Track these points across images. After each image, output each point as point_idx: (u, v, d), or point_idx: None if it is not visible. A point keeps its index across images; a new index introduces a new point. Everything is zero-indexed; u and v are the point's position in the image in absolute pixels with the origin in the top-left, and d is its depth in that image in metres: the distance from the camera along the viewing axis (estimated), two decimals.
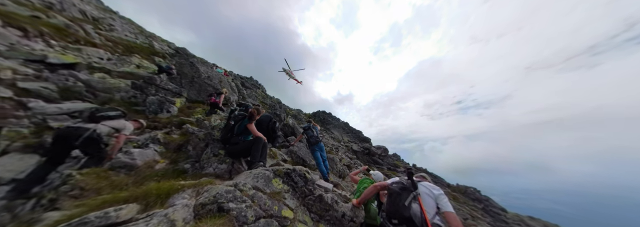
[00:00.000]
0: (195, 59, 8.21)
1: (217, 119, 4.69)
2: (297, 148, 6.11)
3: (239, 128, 3.63)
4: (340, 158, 11.90)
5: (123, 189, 1.87)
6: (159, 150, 2.79)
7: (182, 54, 8.04)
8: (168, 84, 4.76)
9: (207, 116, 4.84)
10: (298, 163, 6.00)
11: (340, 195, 4.31)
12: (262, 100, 18.09)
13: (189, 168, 2.94)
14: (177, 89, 4.96)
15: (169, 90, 4.61)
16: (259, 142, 3.43)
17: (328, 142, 17.40)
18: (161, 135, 3.09)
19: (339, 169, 8.07)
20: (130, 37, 5.56)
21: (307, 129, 5.65)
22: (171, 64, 6.23)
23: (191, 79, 6.22)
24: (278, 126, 5.12)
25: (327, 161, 5.65)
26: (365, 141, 28.89)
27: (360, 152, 19.33)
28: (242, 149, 3.55)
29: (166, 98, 4.19)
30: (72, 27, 3.83)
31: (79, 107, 3.15)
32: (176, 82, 5.47)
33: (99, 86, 3.23)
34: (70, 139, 2.28)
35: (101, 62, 3.75)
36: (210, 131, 3.85)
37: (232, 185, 2.09)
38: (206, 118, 4.58)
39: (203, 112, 5.18)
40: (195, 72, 6.85)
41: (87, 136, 2.41)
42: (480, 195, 26.72)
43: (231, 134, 3.71)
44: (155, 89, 4.18)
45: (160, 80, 4.61)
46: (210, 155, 3.32)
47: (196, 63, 7.69)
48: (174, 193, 1.83)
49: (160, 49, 6.58)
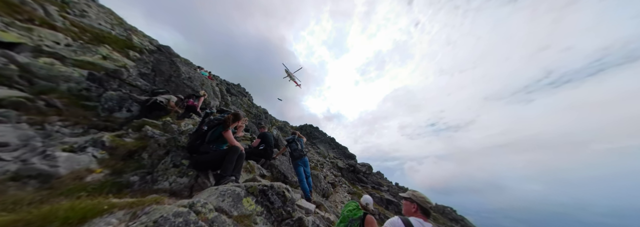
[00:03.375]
0: (179, 59, 7.75)
1: (190, 124, 4.16)
2: (278, 162, 5.57)
3: (212, 135, 3.18)
4: (324, 175, 11.26)
5: (14, 209, 1.31)
6: (99, 156, 2.23)
7: (164, 52, 7.57)
8: (137, 80, 4.22)
9: (178, 119, 4.28)
10: (278, 179, 5.41)
11: (323, 218, 3.80)
12: (247, 108, 17.41)
13: (136, 181, 2.36)
14: (147, 86, 4.42)
15: (137, 87, 4.07)
16: (235, 152, 3.00)
17: (313, 158, 16.71)
18: (109, 137, 2.53)
19: (323, 187, 7.49)
20: (105, 27, 5.09)
21: (291, 141, 5.26)
22: (149, 59, 5.72)
23: (168, 77, 5.69)
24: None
25: (310, 178, 5.17)
26: (350, 158, 28.39)
27: (345, 169, 18.72)
28: (212, 160, 3.06)
29: (130, 95, 3.65)
30: (29, 4, 3.34)
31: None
32: (149, 79, 4.93)
33: (41, 72, 2.65)
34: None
35: (56, 47, 3.21)
36: (176, 137, 3.33)
37: (186, 205, 1.62)
38: (176, 121, 4.03)
39: (174, 114, 4.61)
40: (174, 71, 6.35)
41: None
42: (456, 215, 26.77)
43: (201, 141, 3.23)
44: (118, 83, 3.64)
45: (128, 75, 4.07)
46: (169, 165, 2.77)
47: (178, 62, 7.22)
48: (94, 217, 1.32)
49: (139, 44, 6.11)
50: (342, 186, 11.53)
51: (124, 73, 4.00)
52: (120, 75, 3.83)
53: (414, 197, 1.66)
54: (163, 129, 3.43)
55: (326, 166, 15.42)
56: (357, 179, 18.24)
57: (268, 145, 4.90)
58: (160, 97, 4.34)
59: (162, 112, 4.01)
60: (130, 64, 4.66)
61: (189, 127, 4.03)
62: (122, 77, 3.83)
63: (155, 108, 4.00)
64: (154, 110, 3.94)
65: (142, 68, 5.07)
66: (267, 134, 5.11)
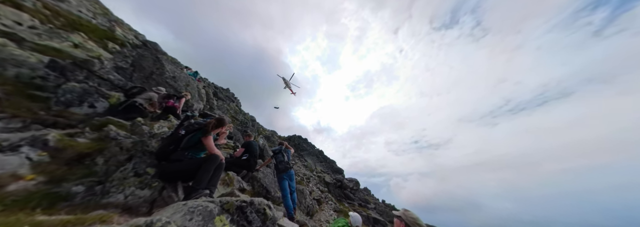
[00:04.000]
0: (165, 57, 7.41)
1: (165, 127, 3.75)
2: (262, 174, 5.13)
3: (189, 140, 2.84)
4: (310, 190, 10.64)
5: None
6: (36, 158, 1.82)
7: (150, 48, 7.21)
8: (111, 74, 3.82)
9: (152, 121, 3.86)
10: (259, 194, 4.93)
11: None
12: (233, 114, 16.77)
13: (79, 193, 1.94)
14: (121, 82, 4.01)
15: (108, 82, 3.67)
16: (213, 161, 2.66)
17: (300, 171, 16.00)
18: (56, 136, 2.12)
19: (308, 203, 6.97)
20: (85, 15, 4.76)
21: (277, 152, 4.94)
22: (130, 54, 5.32)
23: (149, 74, 5.29)
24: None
25: (295, 193, 4.77)
26: (338, 172, 27.66)
27: (332, 185, 18.01)
28: (184, 169, 2.69)
29: (97, 89, 3.25)
30: None
31: None
32: (125, 74, 4.52)
33: None
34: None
35: (15, 28, 2.84)
36: (145, 140, 2.93)
37: (142, 225, 1.28)
38: (149, 123, 3.61)
39: (149, 115, 4.17)
40: (157, 69, 5.97)
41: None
42: None
43: (175, 146, 2.86)
44: (86, 75, 3.25)
45: (100, 67, 3.68)
46: (130, 174, 2.36)
47: (163, 60, 6.86)
48: None
49: (122, 37, 5.75)
50: (328, 203, 10.91)
51: (96, 64, 3.61)
52: (90, 66, 3.44)
53: (404, 216, 1.65)
54: (130, 131, 3.03)
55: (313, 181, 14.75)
56: (344, 195, 17.54)
57: (252, 155, 4.52)
58: (140, 99, 3.83)
59: (137, 115, 3.59)
60: (106, 55, 4.28)
61: (164, 130, 3.61)
62: (93, 68, 3.44)
63: (132, 111, 3.56)
64: (131, 113, 3.49)
65: (119, 61, 4.68)
66: (252, 143, 4.76)
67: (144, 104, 3.82)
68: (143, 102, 3.82)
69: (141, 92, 4.05)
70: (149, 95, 4.24)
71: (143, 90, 4.12)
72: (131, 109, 3.43)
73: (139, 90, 4.06)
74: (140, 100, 3.76)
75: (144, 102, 3.88)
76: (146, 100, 4.04)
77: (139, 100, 3.78)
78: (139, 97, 3.87)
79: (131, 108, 3.43)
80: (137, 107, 3.52)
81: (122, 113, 3.33)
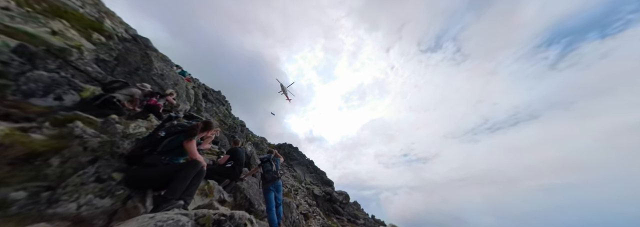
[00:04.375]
0: (156, 53, 7.17)
1: (142, 127, 3.45)
2: (246, 184, 4.77)
3: (169, 144, 2.59)
4: (298, 203, 10.09)
5: None
6: None
7: (140, 43, 6.96)
8: (89, 65, 3.54)
9: (128, 119, 3.54)
10: (241, 206, 4.54)
11: None
12: (222, 118, 16.24)
13: (19, 200, 1.63)
14: (100, 75, 3.72)
15: (85, 73, 3.38)
16: (193, 168, 2.42)
17: (287, 182, 15.36)
18: (4, 130, 1.83)
19: (294, 218, 6.52)
20: (73, 3, 4.54)
21: (265, 161, 4.66)
22: (116, 47, 5.05)
23: (134, 70, 5.00)
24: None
25: (281, 207, 4.44)
26: (327, 184, 26.85)
27: (321, 198, 17.31)
28: (158, 176, 2.42)
29: (70, 80, 2.96)
30: None
31: None
32: (106, 68, 4.23)
33: None
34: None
35: None
36: (116, 140, 2.64)
37: None
38: (125, 121, 3.31)
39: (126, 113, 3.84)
40: (144, 65, 5.69)
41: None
42: None
43: (152, 149, 2.59)
44: (59, 64, 2.97)
45: (78, 57, 3.40)
46: (89, 179, 2.06)
47: (153, 56, 6.60)
48: None
49: (110, 29, 5.52)
50: (316, 217, 10.35)
51: (73, 54, 3.33)
52: (67, 55, 3.17)
53: None
54: (100, 129, 2.73)
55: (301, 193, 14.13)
56: (333, 209, 16.84)
57: (238, 163, 4.22)
58: (120, 94, 3.55)
59: (113, 112, 3.27)
60: (88, 46, 4.02)
61: (140, 130, 3.30)
62: (69, 58, 3.17)
63: (107, 107, 3.23)
64: (105, 109, 3.17)
65: (103, 54, 4.40)
66: (239, 149, 4.47)
67: (122, 100, 3.50)
68: (122, 98, 3.50)
69: (123, 87, 3.74)
70: (131, 91, 3.91)
71: (125, 86, 3.81)
72: (106, 105, 3.12)
73: (121, 85, 3.75)
74: (119, 96, 3.44)
75: (123, 98, 3.57)
76: (126, 96, 3.72)
77: (118, 95, 3.47)
78: (119, 92, 3.55)
79: (107, 103, 3.12)
80: (113, 103, 3.21)
81: (95, 108, 3.02)
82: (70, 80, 2.90)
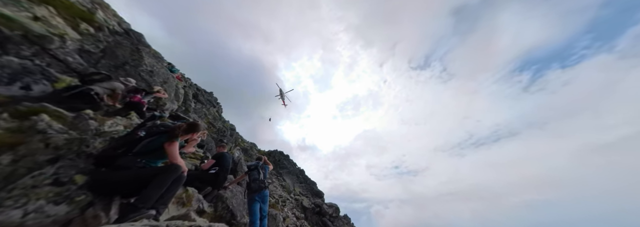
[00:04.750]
0: (148, 49, 6.98)
1: (120, 125, 3.19)
2: (230, 193, 4.46)
3: (148, 145, 2.38)
4: (285, 216, 9.57)
5: None
6: None
7: (132, 38, 6.77)
8: (70, 55, 3.32)
9: (105, 116, 3.28)
10: (222, 218, 4.19)
11: None
12: (211, 120, 15.76)
13: None
14: (80, 66, 3.49)
15: (63, 63, 3.15)
16: (172, 173, 2.20)
17: (275, 192, 14.73)
18: None
19: None
20: None
21: (253, 168, 4.43)
22: (105, 39, 4.84)
23: (121, 64, 4.78)
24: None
25: (266, 219, 4.14)
26: (318, 196, 25.99)
27: (310, 210, 16.60)
28: (130, 180, 2.19)
29: (44, 69, 2.74)
30: None
31: None
32: (89, 59, 3.99)
33: None
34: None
35: None
36: (86, 138, 2.41)
37: None
38: (101, 117, 3.06)
39: (105, 108, 3.58)
40: (133, 60, 5.48)
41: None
42: None
43: (126, 150, 2.36)
44: (35, 51, 2.76)
45: (59, 46, 3.19)
46: (45, 181, 1.81)
47: (144, 52, 6.39)
48: None
49: (102, 20, 5.34)
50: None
51: (54, 42, 3.12)
52: (46, 43, 2.96)
53: None
54: (70, 124, 2.48)
55: (289, 204, 13.51)
56: (322, 223, 16.12)
57: (223, 169, 3.95)
58: (99, 87, 3.30)
59: (88, 106, 3.01)
60: (73, 36, 3.82)
61: (117, 128, 3.05)
62: (48, 46, 2.96)
63: (82, 100, 2.96)
64: (79, 102, 2.90)
65: (88, 45, 4.19)
66: (225, 155, 4.21)
67: (101, 93, 3.24)
68: (101, 92, 3.24)
69: (104, 80, 3.48)
70: (113, 85, 3.66)
71: (107, 79, 3.57)
72: (82, 98, 2.87)
73: (103, 77, 3.50)
74: (97, 89, 3.18)
75: (102, 91, 3.31)
76: (107, 90, 3.46)
77: (97, 88, 3.20)
78: (99, 85, 3.29)
79: (82, 96, 2.87)
80: (90, 96, 2.96)
81: (68, 101, 2.77)
82: (44, 69, 2.68)
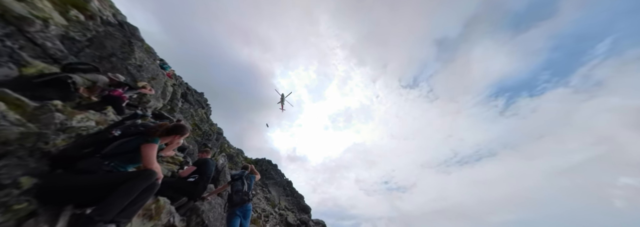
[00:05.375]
0: (141, 43, 6.79)
1: (92, 120, 2.91)
2: (208, 206, 4.06)
3: (121, 146, 2.13)
4: None
5: None
6: None
7: (126, 30, 6.60)
8: (50, 40, 3.09)
9: (76, 108, 3.00)
10: None
11: None
12: (197, 122, 15.20)
13: None
14: (60, 53, 3.25)
15: (40, 48, 2.92)
16: (143, 180, 1.93)
17: (259, 205, 13.91)
18: None
19: None
20: None
21: (237, 178, 4.12)
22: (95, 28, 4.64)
23: (107, 56, 4.55)
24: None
25: None
26: (304, 211, 24.81)
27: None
28: (91, 187, 1.81)
29: (14, 52, 2.50)
30: None
31: None
32: (71, 47, 3.75)
33: None
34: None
35: None
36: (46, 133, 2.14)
37: None
38: (69, 110, 2.78)
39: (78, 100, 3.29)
40: (122, 53, 5.25)
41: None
42: None
43: (94, 150, 2.09)
44: (10, 32, 2.53)
45: (40, 29, 2.97)
46: None
47: (136, 46, 6.20)
48: None
49: (95, 10, 5.19)
50: None
51: (35, 25, 2.91)
52: (25, 24, 2.75)
53: None
54: (30, 115, 2.21)
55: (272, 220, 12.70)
56: None
57: (204, 177, 3.63)
58: (79, 77, 3.05)
59: (59, 95, 2.74)
60: (59, 21, 3.62)
61: (88, 124, 2.76)
62: (26, 28, 2.74)
63: (55, 88, 2.68)
64: (49, 91, 2.63)
65: (74, 32, 3.97)
66: (208, 161, 3.90)
67: (79, 84, 2.97)
68: (79, 82, 2.97)
69: (89, 72, 3.24)
70: (98, 77, 3.41)
71: (93, 70, 3.32)
72: (54, 86, 2.61)
73: (89, 68, 3.26)
74: (77, 79, 2.91)
75: (81, 82, 3.03)
76: (88, 81, 3.19)
77: (77, 78, 2.93)
78: (80, 75, 3.03)
79: (56, 84, 2.61)
80: (66, 84, 2.70)
81: (37, 89, 2.50)
82: (14, 52, 2.44)
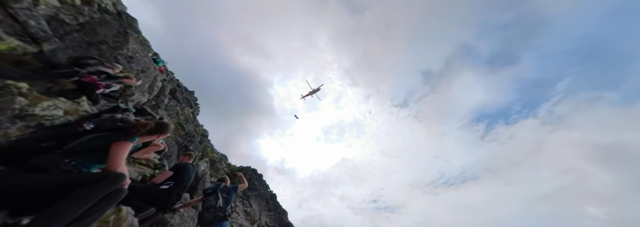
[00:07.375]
0: (137, 35, 6.77)
1: (61, 108, 2.73)
2: (178, 219, 3.71)
3: (89, 142, 1.96)
4: None
5: None
6: None
7: (124, 21, 6.60)
8: (34, 19, 2.99)
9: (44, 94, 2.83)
10: None
11: None
12: (182, 122, 14.81)
13: None
14: (42, 33, 3.14)
15: (20, 25, 2.80)
16: (107, 185, 1.76)
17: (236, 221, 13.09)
18: None
19: None
20: None
21: (212, 192, 3.68)
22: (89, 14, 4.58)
23: (97, 43, 4.44)
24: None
25: None
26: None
27: None
28: (39, 189, 1.57)
29: None
30: None
31: None
32: (57, 30, 3.65)
33: None
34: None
35: None
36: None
37: None
38: (35, 95, 2.62)
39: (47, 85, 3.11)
40: (114, 42, 5.17)
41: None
42: None
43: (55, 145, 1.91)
44: None
45: (25, 6, 2.87)
46: None
47: (132, 36, 6.16)
48: None
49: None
50: None
51: (22, 2, 2.83)
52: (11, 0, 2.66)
53: None
54: None
55: None
56: None
57: (180, 185, 3.33)
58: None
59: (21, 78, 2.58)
60: (52, 2, 3.56)
61: (55, 113, 2.57)
62: (11, 3, 2.65)
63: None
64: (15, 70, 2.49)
65: (66, 14, 3.90)
66: (188, 167, 3.58)
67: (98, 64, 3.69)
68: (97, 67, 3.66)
69: (95, 65, 3.57)
70: (98, 69, 3.65)
71: (98, 64, 3.64)
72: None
73: (95, 62, 3.60)
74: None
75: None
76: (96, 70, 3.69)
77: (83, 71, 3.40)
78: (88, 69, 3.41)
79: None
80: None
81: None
82: None
